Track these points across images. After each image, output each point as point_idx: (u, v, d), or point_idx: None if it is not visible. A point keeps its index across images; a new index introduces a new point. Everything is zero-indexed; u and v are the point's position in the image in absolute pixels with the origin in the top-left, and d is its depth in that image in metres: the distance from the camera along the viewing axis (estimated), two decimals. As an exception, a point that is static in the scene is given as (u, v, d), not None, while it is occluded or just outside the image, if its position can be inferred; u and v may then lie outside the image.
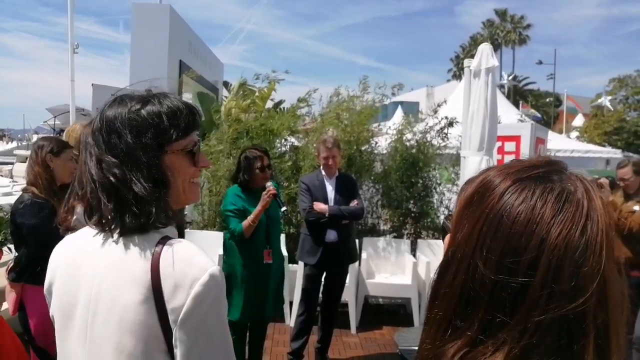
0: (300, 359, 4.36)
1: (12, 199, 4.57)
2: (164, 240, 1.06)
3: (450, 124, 6.61)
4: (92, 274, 1.07)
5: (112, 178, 1.06)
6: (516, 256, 0.60)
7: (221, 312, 1.04)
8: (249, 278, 3.59)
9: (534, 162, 0.68)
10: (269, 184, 3.57)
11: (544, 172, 0.65)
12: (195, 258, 1.04)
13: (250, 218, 3.51)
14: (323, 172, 4.29)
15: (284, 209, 3.59)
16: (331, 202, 4.20)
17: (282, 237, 5.52)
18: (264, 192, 3.54)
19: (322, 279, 4.36)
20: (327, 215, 4.10)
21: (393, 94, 6.89)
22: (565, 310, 0.58)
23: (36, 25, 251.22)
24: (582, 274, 0.58)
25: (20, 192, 3.14)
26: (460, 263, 0.64)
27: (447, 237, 0.72)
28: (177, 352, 1.00)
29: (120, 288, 1.03)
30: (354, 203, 4.23)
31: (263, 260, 3.59)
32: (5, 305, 3.16)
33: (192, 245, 1.08)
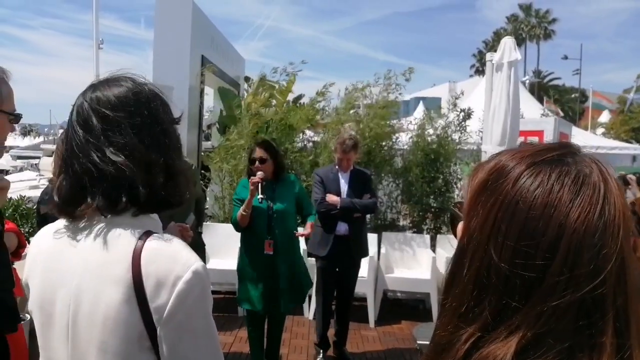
0: (327, 348, 4.43)
1: (38, 192, 4.69)
2: (145, 236, 1.01)
3: (468, 115, 6.54)
4: (72, 270, 1.03)
5: (135, 158, 1.03)
6: (533, 241, 0.59)
7: (205, 308, 1.02)
8: (252, 268, 3.68)
9: (547, 146, 0.67)
10: (259, 173, 3.59)
11: (558, 155, 0.64)
12: (177, 255, 1.00)
13: (241, 208, 3.60)
14: (337, 166, 4.31)
15: (259, 196, 3.52)
16: (344, 195, 4.23)
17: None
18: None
19: (336, 272, 4.38)
20: (338, 207, 4.12)
21: (407, 80, 6.76)
22: (583, 293, 0.57)
23: (61, 22, 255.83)
24: (601, 256, 0.58)
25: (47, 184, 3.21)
26: (475, 250, 0.63)
27: (460, 224, 0.72)
28: (163, 350, 0.98)
29: (101, 287, 0.99)
30: (366, 197, 4.24)
31: (263, 251, 3.63)
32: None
33: (173, 240, 1.04)
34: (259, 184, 3.53)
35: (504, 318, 0.60)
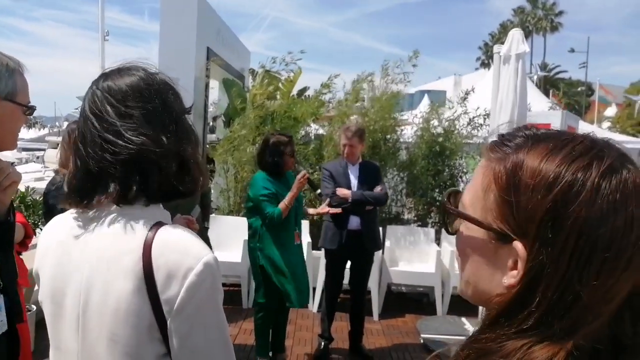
0: (331, 341, 4.43)
1: (43, 184, 4.69)
2: (156, 227, 1.01)
3: (487, 115, 6.51)
4: (82, 261, 1.03)
5: (156, 147, 1.02)
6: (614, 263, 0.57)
7: (216, 301, 1.01)
8: (286, 262, 3.67)
9: (588, 144, 0.62)
10: (301, 168, 3.66)
11: (612, 161, 0.60)
12: (188, 247, 1.00)
13: (286, 201, 3.59)
14: (345, 158, 4.29)
15: (319, 191, 3.77)
16: (354, 189, 4.18)
17: (306, 223, 5.55)
18: (298, 176, 3.62)
19: (347, 266, 4.37)
20: (349, 200, 4.09)
21: (414, 65, 6.73)
22: None
23: (64, 13, 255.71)
24: None
25: (52, 176, 3.21)
26: (551, 279, 0.59)
27: (462, 225, 0.68)
28: (173, 341, 0.98)
29: (112, 278, 0.99)
30: (377, 189, 4.21)
31: (294, 242, 3.73)
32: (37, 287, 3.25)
33: (185, 232, 1.04)
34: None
35: (554, 328, 0.59)
